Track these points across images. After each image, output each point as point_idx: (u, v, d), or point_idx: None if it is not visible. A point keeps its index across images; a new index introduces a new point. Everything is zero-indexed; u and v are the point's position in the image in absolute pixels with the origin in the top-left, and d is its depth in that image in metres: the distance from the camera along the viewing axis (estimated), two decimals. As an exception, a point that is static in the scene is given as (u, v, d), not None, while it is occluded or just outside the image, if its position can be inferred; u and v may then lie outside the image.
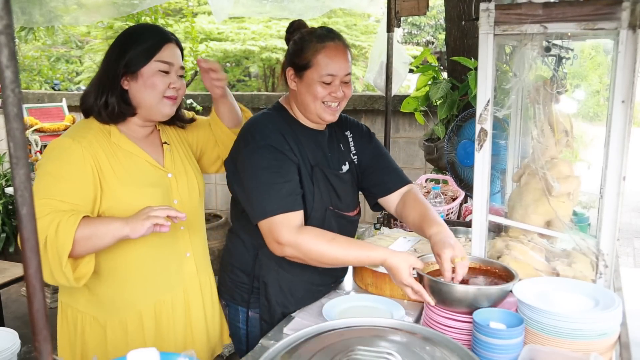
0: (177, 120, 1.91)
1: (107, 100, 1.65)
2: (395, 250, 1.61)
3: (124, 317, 1.71)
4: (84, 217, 1.49)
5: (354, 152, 1.96)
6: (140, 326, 1.73)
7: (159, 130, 1.85)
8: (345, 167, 1.91)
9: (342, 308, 1.77)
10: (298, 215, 1.65)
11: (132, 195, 1.65)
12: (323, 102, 1.74)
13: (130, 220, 1.49)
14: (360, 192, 2.03)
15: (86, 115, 1.72)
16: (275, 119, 1.79)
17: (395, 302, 1.77)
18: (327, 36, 1.73)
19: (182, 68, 1.76)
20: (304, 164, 1.75)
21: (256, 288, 1.84)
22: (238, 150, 1.75)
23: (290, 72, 1.77)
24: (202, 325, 1.88)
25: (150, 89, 1.66)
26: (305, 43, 1.73)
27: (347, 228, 1.91)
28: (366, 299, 1.84)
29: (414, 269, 1.55)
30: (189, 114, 2.00)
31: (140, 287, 1.72)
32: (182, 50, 1.78)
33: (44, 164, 1.58)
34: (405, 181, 1.96)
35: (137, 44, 1.65)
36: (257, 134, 1.72)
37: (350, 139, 1.97)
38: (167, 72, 1.68)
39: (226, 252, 1.96)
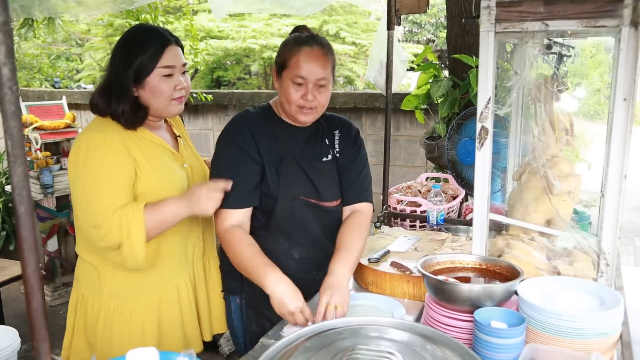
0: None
1: (122, 109, 1.70)
2: (278, 278, 1.65)
3: (148, 300, 1.80)
4: (145, 204, 1.64)
5: (338, 149, 1.97)
6: (160, 308, 1.83)
7: (170, 124, 1.97)
8: (327, 159, 1.93)
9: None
10: (238, 213, 1.80)
11: (162, 181, 1.76)
12: (298, 106, 1.79)
13: (193, 201, 1.68)
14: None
15: (102, 115, 1.76)
16: (252, 115, 1.89)
17: (395, 301, 1.77)
18: (306, 41, 1.78)
19: (185, 64, 1.80)
20: (272, 157, 1.83)
21: (240, 275, 1.86)
22: (216, 143, 1.89)
23: (274, 72, 1.87)
24: (205, 306, 1.99)
25: (158, 95, 1.73)
26: (287, 45, 1.81)
27: (323, 218, 1.92)
28: (367, 298, 1.84)
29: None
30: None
31: (164, 269, 1.83)
32: (182, 47, 1.82)
33: (84, 162, 1.64)
34: (358, 199, 1.96)
35: (141, 53, 1.69)
36: (229, 129, 1.87)
37: (337, 138, 1.98)
38: (171, 75, 1.73)
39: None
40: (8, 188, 5.12)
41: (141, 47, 1.70)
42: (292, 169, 1.85)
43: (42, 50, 9.40)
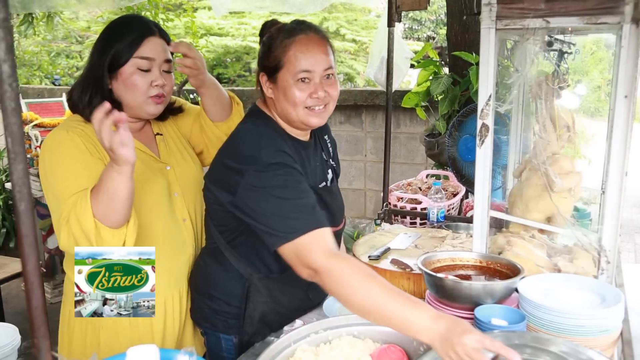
0: (168, 113, 1.80)
1: (91, 100, 1.55)
2: (448, 317, 1.16)
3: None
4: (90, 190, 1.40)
5: (332, 156, 1.82)
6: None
7: (150, 122, 1.77)
8: (330, 176, 1.75)
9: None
10: (328, 233, 1.37)
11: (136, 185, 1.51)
12: (306, 107, 1.51)
13: (111, 160, 1.33)
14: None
15: (73, 112, 1.64)
16: (272, 132, 1.56)
17: None
18: (297, 29, 1.50)
19: (168, 62, 1.63)
20: None
21: (242, 316, 1.63)
22: (239, 172, 1.44)
23: (263, 78, 1.55)
24: (190, 330, 1.81)
25: (131, 89, 1.56)
26: (273, 41, 1.51)
27: (337, 243, 1.70)
28: None
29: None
30: (178, 102, 1.89)
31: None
32: (168, 42, 1.65)
33: (47, 159, 1.50)
34: None
35: (118, 40, 1.54)
36: (262, 151, 1.45)
37: (329, 144, 1.82)
38: (147, 70, 1.57)
39: (202, 278, 1.71)
40: (8, 185, 5.12)
41: (120, 34, 1.55)
42: (317, 199, 1.50)
43: (42, 48, 9.40)
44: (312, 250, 1.31)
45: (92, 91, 1.56)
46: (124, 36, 1.55)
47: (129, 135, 1.29)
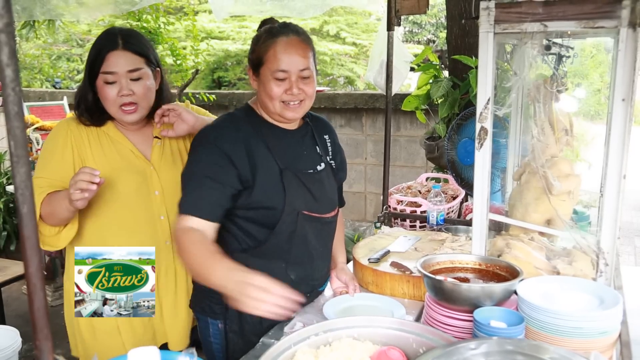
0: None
1: (86, 110, 1.79)
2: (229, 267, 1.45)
3: None
4: (49, 193, 1.64)
5: (331, 156, 1.90)
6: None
7: (152, 124, 1.89)
8: (321, 167, 1.82)
9: (343, 307, 1.77)
10: (202, 224, 1.57)
11: (108, 178, 1.72)
12: (282, 102, 1.65)
13: (68, 195, 1.55)
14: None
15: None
16: (240, 121, 1.71)
17: (395, 301, 1.78)
18: (280, 31, 1.64)
19: (134, 71, 1.74)
20: (269, 169, 1.66)
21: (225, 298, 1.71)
22: (193, 146, 1.69)
23: (250, 72, 1.72)
24: (172, 290, 1.90)
25: (104, 100, 1.75)
26: (259, 39, 1.67)
27: (322, 232, 1.82)
28: (366, 298, 1.84)
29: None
30: (185, 104, 1.99)
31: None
32: (140, 50, 1.76)
33: (43, 144, 1.79)
34: (340, 205, 1.98)
35: (90, 57, 1.74)
36: (214, 133, 1.66)
37: (329, 143, 1.91)
38: (112, 82, 1.72)
39: None
40: (9, 188, 5.12)
41: (91, 52, 1.74)
42: (294, 181, 1.69)
43: (43, 51, 9.41)
44: (178, 225, 1.57)
45: (79, 100, 1.80)
46: (92, 53, 1.74)
47: (94, 192, 1.55)
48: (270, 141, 1.70)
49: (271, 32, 1.65)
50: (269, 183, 1.66)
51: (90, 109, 1.78)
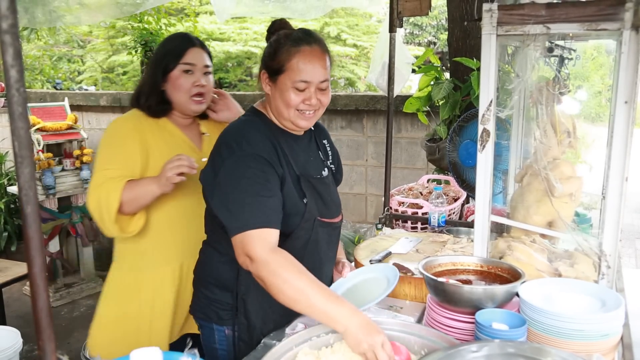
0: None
1: (148, 99, 1.96)
2: (363, 315, 1.37)
3: (161, 271, 1.97)
4: (128, 181, 1.81)
5: (331, 160, 1.90)
6: (169, 281, 1.98)
7: (199, 123, 2.10)
8: (325, 173, 1.82)
9: (340, 293, 1.78)
10: (276, 234, 1.52)
11: None
12: (298, 110, 1.63)
13: (158, 179, 1.80)
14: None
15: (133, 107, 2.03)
16: (259, 125, 1.68)
17: (387, 266, 1.83)
18: (304, 39, 1.62)
19: (207, 66, 1.99)
20: (289, 174, 1.64)
21: (234, 305, 1.71)
22: (221, 159, 1.60)
23: (264, 75, 1.68)
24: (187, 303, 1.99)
25: (178, 89, 1.94)
26: (280, 46, 1.62)
27: (334, 237, 1.84)
28: (359, 273, 1.87)
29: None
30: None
31: (171, 243, 1.98)
32: (208, 52, 2.03)
33: (102, 140, 1.92)
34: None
35: (168, 52, 1.95)
36: (244, 141, 1.60)
37: (328, 148, 1.92)
38: (190, 72, 1.94)
39: (200, 266, 1.83)
40: (10, 189, 5.13)
41: (169, 47, 1.97)
42: (309, 187, 1.69)
43: (44, 52, 9.42)
44: (256, 242, 1.46)
45: (149, 94, 1.96)
46: (172, 48, 1.96)
47: (183, 179, 1.80)
48: (285, 147, 1.68)
49: (294, 39, 1.62)
50: (290, 189, 1.63)
51: (153, 101, 1.95)
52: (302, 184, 1.67)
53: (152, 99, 1.95)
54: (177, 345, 2.03)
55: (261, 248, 1.45)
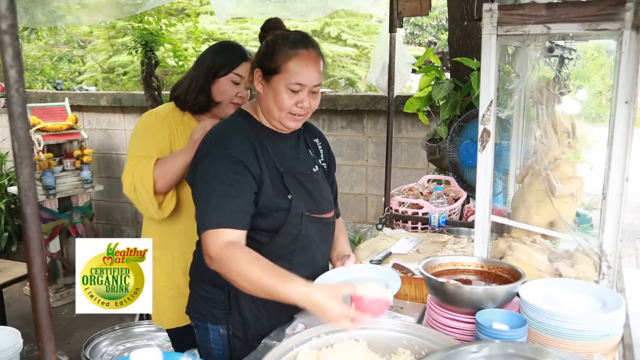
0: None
1: (197, 97, 2.10)
2: (315, 285, 1.45)
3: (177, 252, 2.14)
4: (157, 159, 2.00)
5: (323, 159, 1.91)
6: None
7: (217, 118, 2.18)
8: (315, 170, 1.84)
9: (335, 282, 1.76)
10: (235, 233, 1.55)
11: None
12: (289, 112, 1.67)
13: (187, 148, 1.98)
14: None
15: (172, 100, 2.19)
16: (242, 126, 1.71)
17: (392, 272, 1.72)
18: (301, 42, 1.64)
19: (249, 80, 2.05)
20: (271, 173, 1.67)
21: (227, 303, 1.73)
22: (200, 159, 1.66)
23: (258, 74, 1.69)
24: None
25: (222, 93, 2.10)
26: (277, 47, 1.64)
27: (323, 232, 1.83)
28: (361, 270, 1.78)
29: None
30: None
31: (188, 226, 2.04)
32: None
33: (135, 129, 2.12)
34: (337, 216, 1.98)
35: (224, 59, 2.09)
36: (221, 142, 1.64)
37: (320, 147, 1.92)
38: (238, 83, 2.09)
39: (194, 266, 1.86)
40: (10, 189, 5.13)
41: (225, 54, 2.11)
42: (295, 183, 1.72)
43: (45, 52, 9.42)
44: (212, 242, 1.53)
45: (198, 91, 2.10)
46: (228, 56, 2.10)
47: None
48: (270, 145, 1.72)
49: (291, 42, 1.64)
50: (273, 187, 1.67)
51: (205, 99, 2.10)
52: (286, 181, 1.70)
53: (201, 96, 2.10)
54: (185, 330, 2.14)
55: (214, 247, 1.52)
